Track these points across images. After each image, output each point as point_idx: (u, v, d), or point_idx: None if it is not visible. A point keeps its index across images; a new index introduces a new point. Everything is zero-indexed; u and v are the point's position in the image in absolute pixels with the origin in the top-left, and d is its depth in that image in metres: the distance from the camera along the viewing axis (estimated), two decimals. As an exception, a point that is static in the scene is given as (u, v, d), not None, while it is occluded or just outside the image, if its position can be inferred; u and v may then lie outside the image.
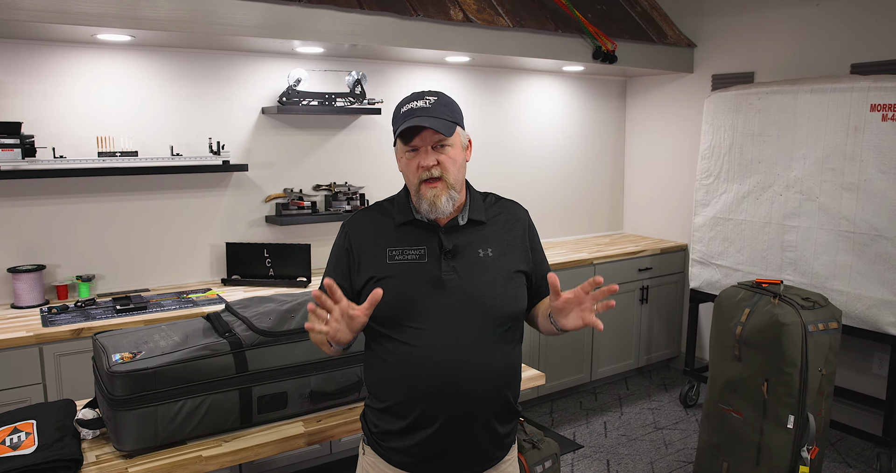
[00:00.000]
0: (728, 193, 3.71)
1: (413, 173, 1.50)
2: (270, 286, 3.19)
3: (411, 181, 1.52)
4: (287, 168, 3.47)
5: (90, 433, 1.74)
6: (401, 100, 1.56)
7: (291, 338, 1.86)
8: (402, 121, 1.49)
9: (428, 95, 1.53)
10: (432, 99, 1.52)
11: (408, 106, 1.51)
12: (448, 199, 1.50)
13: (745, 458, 2.74)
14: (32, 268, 2.80)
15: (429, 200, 1.49)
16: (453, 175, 1.50)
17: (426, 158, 1.48)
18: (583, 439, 3.58)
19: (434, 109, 1.49)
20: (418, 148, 1.49)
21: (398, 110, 1.53)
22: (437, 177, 1.48)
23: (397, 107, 1.55)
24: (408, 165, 1.52)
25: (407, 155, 1.51)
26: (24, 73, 2.79)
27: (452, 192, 1.51)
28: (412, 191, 1.53)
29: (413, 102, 1.51)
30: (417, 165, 1.49)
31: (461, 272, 1.51)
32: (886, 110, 3.01)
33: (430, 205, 1.49)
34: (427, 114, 1.48)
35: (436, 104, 1.51)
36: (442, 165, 1.49)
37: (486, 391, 1.51)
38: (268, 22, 2.80)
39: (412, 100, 1.52)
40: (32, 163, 2.67)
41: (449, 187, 1.50)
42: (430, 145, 1.49)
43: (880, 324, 3.09)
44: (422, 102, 1.50)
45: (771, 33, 3.88)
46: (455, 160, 1.51)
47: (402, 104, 1.54)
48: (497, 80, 4.15)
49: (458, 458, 1.53)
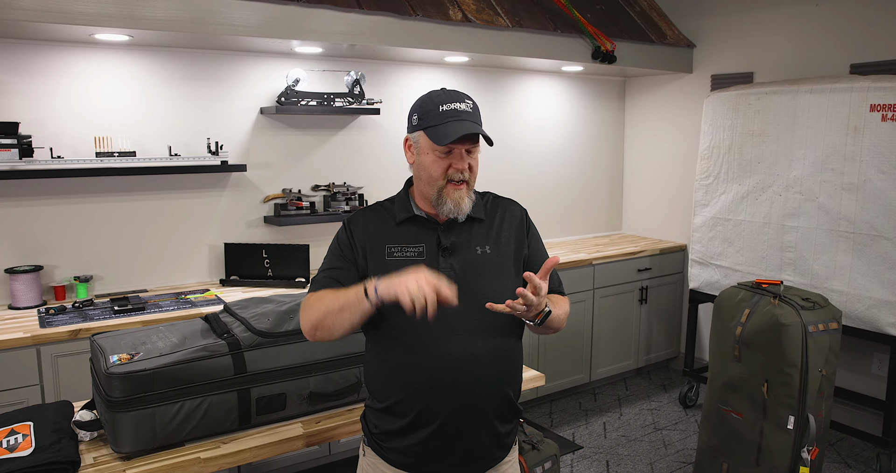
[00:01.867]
0: (727, 193, 3.70)
1: (441, 173, 1.51)
2: (269, 287, 3.18)
3: (435, 179, 1.51)
4: (286, 168, 3.46)
5: (88, 434, 1.73)
6: (431, 94, 1.54)
7: (290, 339, 1.86)
8: (443, 119, 1.48)
9: (466, 97, 1.53)
10: (471, 103, 1.53)
11: (450, 106, 1.49)
12: (470, 200, 1.55)
13: (745, 459, 2.73)
14: (30, 269, 2.79)
15: (455, 200, 1.51)
16: (474, 179, 1.56)
17: (461, 161, 1.51)
18: (582, 440, 3.57)
19: (475, 115, 1.52)
20: (453, 150, 1.50)
21: (434, 106, 1.50)
22: (466, 180, 1.53)
23: (429, 101, 1.52)
24: (436, 164, 1.51)
25: (437, 153, 1.50)
26: (22, 72, 2.78)
27: (472, 193, 1.57)
28: (430, 188, 1.53)
29: (455, 104, 1.50)
30: (449, 166, 1.50)
31: (459, 270, 1.52)
32: (886, 110, 3.01)
33: (455, 206, 1.52)
34: (472, 119, 1.49)
35: (475, 109, 1.53)
36: (471, 170, 1.53)
37: (486, 389, 1.51)
38: (266, 22, 2.79)
39: (452, 100, 1.50)
40: (30, 163, 2.66)
41: (470, 189, 1.55)
42: (465, 149, 1.50)
43: (880, 324, 3.09)
44: (464, 105, 1.50)
45: (770, 33, 3.88)
46: (477, 163, 1.56)
47: (438, 100, 1.51)
48: (496, 80, 4.14)
49: (458, 458, 1.53)
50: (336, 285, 1.52)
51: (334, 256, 1.59)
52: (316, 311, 1.47)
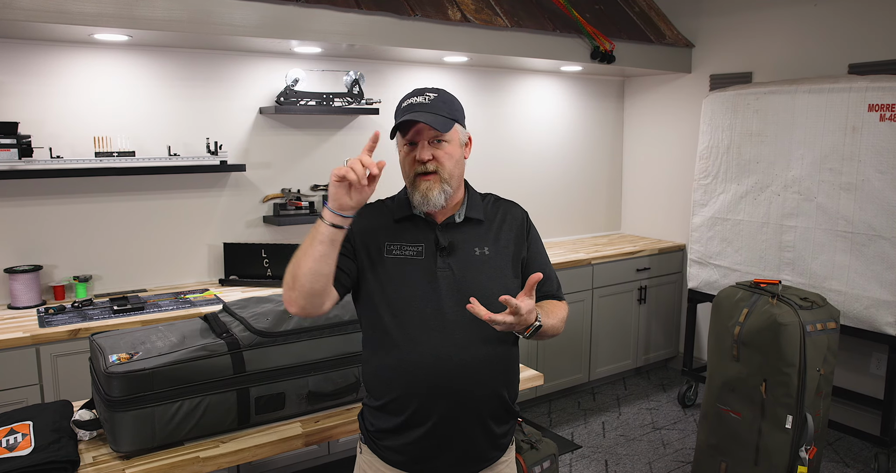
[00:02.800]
0: (726, 193, 3.71)
1: (410, 166, 1.53)
2: (268, 287, 3.19)
3: (407, 174, 1.54)
4: (285, 168, 3.46)
5: (87, 434, 1.74)
6: (404, 95, 1.60)
7: (289, 339, 1.86)
8: (400, 116, 1.52)
9: (429, 91, 1.56)
10: (432, 95, 1.54)
11: (408, 101, 1.54)
12: (440, 192, 1.51)
13: (744, 458, 2.74)
14: (29, 268, 2.79)
15: (421, 192, 1.51)
16: (448, 170, 1.52)
17: (422, 152, 1.51)
18: (581, 439, 3.58)
19: (432, 106, 1.52)
20: (417, 142, 1.52)
21: (399, 105, 1.57)
22: (431, 171, 1.51)
23: (400, 101, 1.58)
24: (405, 158, 1.55)
25: (405, 149, 1.54)
26: (21, 72, 2.79)
27: (446, 186, 1.52)
28: (408, 183, 1.56)
29: (414, 98, 1.54)
30: (414, 159, 1.52)
31: (456, 270, 1.52)
32: (884, 110, 3.01)
33: (422, 196, 1.51)
34: (425, 109, 1.50)
35: (435, 101, 1.53)
36: (437, 160, 1.51)
37: (480, 389, 1.51)
38: (265, 22, 2.79)
39: (413, 95, 1.56)
40: (29, 163, 2.67)
41: (442, 181, 1.51)
42: (426, 140, 1.51)
43: (878, 324, 3.09)
44: (421, 98, 1.53)
45: (769, 33, 3.88)
46: (451, 156, 1.53)
47: (403, 99, 1.57)
48: (495, 80, 4.15)
49: (452, 457, 1.53)
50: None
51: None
52: (289, 267, 1.44)
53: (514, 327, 1.39)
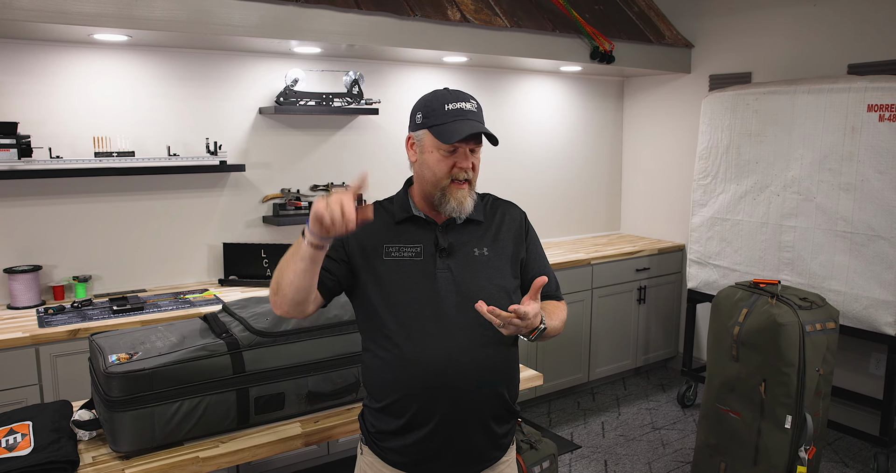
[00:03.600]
0: (725, 193, 3.71)
1: (445, 172, 1.51)
2: (268, 287, 3.16)
3: (437, 177, 1.51)
4: (284, 168, 3.46)
5: (87, 434, 1.74)
6: (436, 93, 1.54)
7: (289, 339, 1.86)
8: (449, 118, 1.49)
9: (470, 97, 1.55)
10: (475, 102, 1.54)
11: (455, 105, 1.50)
12: (472, 200, 1.55)
13: (743, 458, 2.74)
14: (29, 268, 2.79)
15: (458, 200, 1.51)
16: (476, 179, 1.56)
17: (465, 160, 1.51)
18: (580, 439, 3.58)
19: (479, 114, 1.53)
20: (457, 149, 1.50)
21: (440, 105, 1.51)
22: (469, 179, 1.53)
23: (434, 100, 1.52)
24: (441, 162, 1.51)
25: (442, 152, 1.50)
26: (21, 72, 2.79)
27: (474, 193, 1.57)
28: (432, 187, 1.52)
29: (461, 103, 1.51)
30: (453, 165, 1.50)
31: (455, 271, 1.52)
32: (883, 111, 3.02)
33: (458, 205, 1.51)
34: (476, 118, 1.51)
35: (479, 109, 1.54)
36: (474, 169, 1.53)
37: (481, 390, 1.51)
38: (265, 22, 2.79)
39: (458, 100, 1.52)
40: (29, 163, 2.67)
41: (472, 188, 1.55)
42: (469, 149, 1.51)
43: (877, 324, 3.09)
44: (469, 105, 1.52)
45: (768, 34, 3.88)
46: (479, 164, 1.57)
47: (443, 99, 1.52)
48: (494, 80, 4.15)
49: (454, 458, 1.53)
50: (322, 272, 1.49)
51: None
52: (274, 277, 1.45)
53: (520, 330, 1.39)
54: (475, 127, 1.48)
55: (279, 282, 1.42)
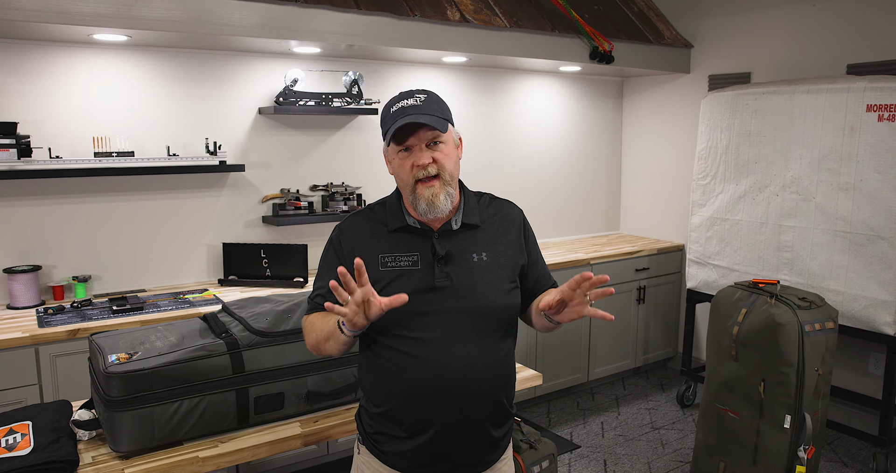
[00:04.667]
0: (725, 193, 3.71)
1: (407, 173, 1.47)
2: (267, 287, 3.19)
3: (405, 182, 1.48)
4: (284, 168, 3.46)
5: (86, 434, 1.74)
6: (389, 100, 1.53)
7: (288, 339, 1.86)
8: (392, 120, 1.47)
9: (417, 92, 1.51)
10: (422, 97, 1.49)
11: (398, 105, 1.48)
12: (446, 196, 1.47)
13: (742, 458, 2.74)
14: (28, 269, 2.79)
15: (426, 199, 1.45)
16: (449, 172, 1.48)
17: (421, 156, 1.46)
18: (580, 439, 3.58)
19: (426, 107, 1.47)
20: (412, 148, 1.47)
21: (387, 111, 1.50)
22: (433, 175, 1.46)
23: (386, 107, 1.52)
24: (401, 166, 1.48)
25: (400, 155, 1.48)
26: (20, 72, 2.79)
27: (449, 188, 1.48)
28: (406, 192, 1.50)
29: (403, 101, 1.48)
30: (412, 165, 1.46)
31: (455, 278, 1.49)
32: (882, 111, 3.02)
33: (428, 204, 1.45)
34: (419, 111, 1.45)
35: (427, 101, 1.49)
36: (438, 163, 1.46)
37: (481, 397, 1.50)
38: (264, 22, 2.80)
39: (401, 99, 1.50)
40: (28, 163, 2.67)
41: (445, 183, 1.47)
42: (424, 144, 1.46)
43: (876, 324, 3.10)
44: (412, 101, 1.48)
45: (767, 34, 3.89)
46: (449, 157, 1.49)
47: (391, 104, 1.51)
48: (494, 80, 4.15)
49: (453, 463, 1.53)
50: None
51: (325, 271, 1.57)
52: (310, 335, 1.53)
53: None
54: (409, 119, 1.43)
55: (316, 347, 1.52)
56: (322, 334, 1.47)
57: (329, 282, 1.31)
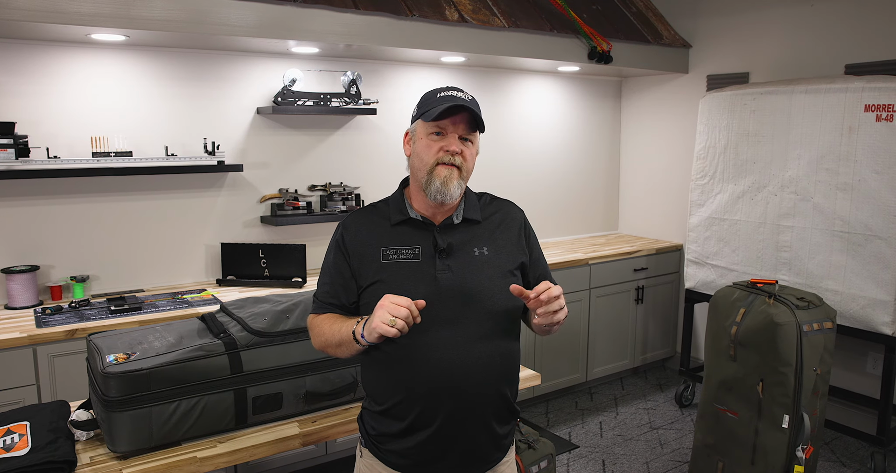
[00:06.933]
0: (723, 193, 3.72)
1: (433, 154, 1.50)
2: (266, 287, 3.19)
3: (425, 162, 1.51)
4: (282, 168, 3.46)
5: (84, 434, 1.74)
6: (431, 89, 1.58)
7: (286, 339, 1.86)
8: (440, 102, 1.50)
9: (464, 91, 1.56)
10: (470, 95, 1.55)
11: (447, 93, 1.52)
12: (458, 185, 1.51)
13: (741, 458, 2.74)
14: (26, 269, 2.79)
15: (441, 178, 1.49)
16: (467, 169, 1.54)
17: (453, 142, 1.50)
18: (578, 439, 3.58)
19: (473, 103, 1.53)
20: (445, 133, 1.51)
21: (433, 94, 1.54)
22: (457, 165, 1.51)
23: (431, 92, 1.56)
24: (428, 146, 1.51)
25: (431, 137, 1.51)
26: (18, 72, 2.78)
27: (462, 182, 1.53)
28: (422, 173, 1.52)
29: (452, 91, 1.53)
30: (441, 148, 1.50)
31: (456, 271, 1.51)
32: (880, 111, 3.02)
33: (442, 184, 1.48)
34: (467, 104, 1.50)
35: (473, 100, 1.54)
36: (463, 156, 1.51)
37: (484, 390, 1.51)
38: (263, 22, 2.79)
39: (451, 89, 1.54)
40: (26, 163, 2.66)
41: (461, 177, 1.52)
42: (457, 135, 1.51)
43: (874, 324, 3.10)
44: (461, 94, 1.53)
45: (766, 34, 3.89)
46: (472, 157, 1.55)
47: (438, 91, 1.55)
48: (492, 80, 4.15)
49: (456, 460, 1.52)
50: (334, 309, 1.57)
51: (331, 268, 1.60)
52: (318, 338, 1.56)
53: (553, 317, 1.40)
54: (459, 101, 1.47)
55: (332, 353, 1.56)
56: (333, 339, 1.51)
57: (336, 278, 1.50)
